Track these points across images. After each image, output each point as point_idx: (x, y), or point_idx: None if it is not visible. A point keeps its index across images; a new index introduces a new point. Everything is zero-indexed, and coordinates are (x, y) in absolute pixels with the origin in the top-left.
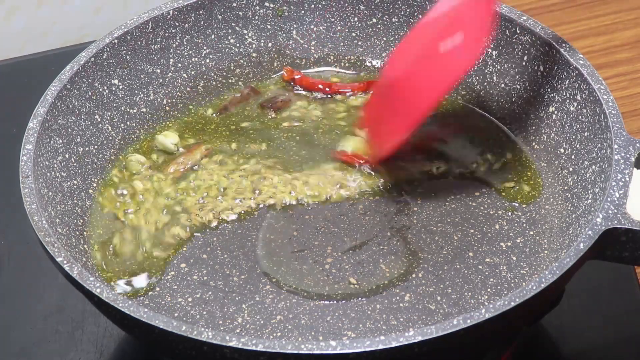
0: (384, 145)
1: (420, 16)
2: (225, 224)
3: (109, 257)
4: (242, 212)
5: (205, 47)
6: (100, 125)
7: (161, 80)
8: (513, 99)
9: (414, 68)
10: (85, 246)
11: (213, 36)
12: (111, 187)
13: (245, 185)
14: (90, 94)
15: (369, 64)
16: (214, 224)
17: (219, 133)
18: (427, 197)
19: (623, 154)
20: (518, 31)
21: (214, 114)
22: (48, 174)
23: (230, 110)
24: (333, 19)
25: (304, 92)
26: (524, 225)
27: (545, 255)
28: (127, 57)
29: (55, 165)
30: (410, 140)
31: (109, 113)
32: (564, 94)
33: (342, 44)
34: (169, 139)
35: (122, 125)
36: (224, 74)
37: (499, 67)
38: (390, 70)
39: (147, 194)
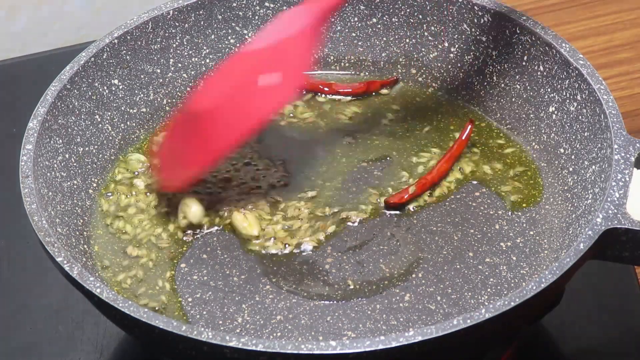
0: (178, 175)
1: (420, 16)
2: (225, 223)
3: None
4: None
5: (205, 47)
6: (100, 125)
7: (161, 80)
8: (513, 99)
9: (225, 100)
10: (85, 246)
11: (213, 36)
12: (111, 183)
13: (242, 182)
14: (90, 94)
15: (369, 64)
16: (212, 222)
17: None
18: (427, 198)
19: (623, 154)
20: (518, 31)
21: None
22: (48, 174)
23: None
24: (333, 19)
25: (303, 92)
26: (524, 225)
27: (545, 255)
28: (127, 57)
29: (55, 165)
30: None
31: (109, 113)
32: (564, 94)
33: (342, 44)
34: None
35: (122, 125)
36: None
37: (499, 67)
38: (200, 100)
39: (147, 188)
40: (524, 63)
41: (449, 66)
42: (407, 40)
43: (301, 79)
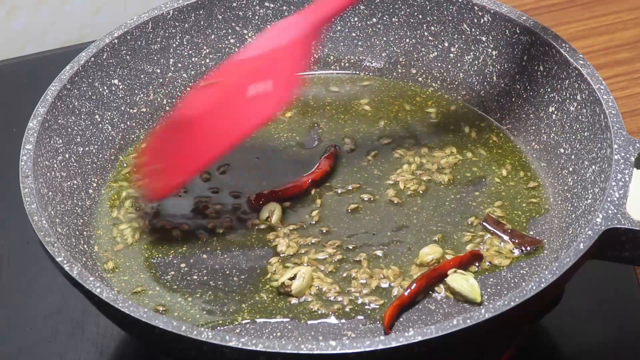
0: (164, 183)
1: (420, 16)
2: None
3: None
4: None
5: (205, 47)
6: (100, 125)
7: (161, 80)
8: (513, 99)
9: (216, 106)
10: (85, 246)
11: (213, 36)
12: (114, 181)
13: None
14: (90, 94)
15: (368, 64)
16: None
17: None
18: (427, 197)
19: (623, 154)
20: (518, 31)
21: None
22: (48, 174)
23: None
24: (329, 25)
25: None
26: (524, 225)
27: (545, 255)
28: (127, 57)
29: (55, 165)
30: None
31: (109, 113)
32: (564, 94)
33: (342, 44)
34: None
35: (122, 125)
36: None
37: (499, 67)
38: (190, 106)
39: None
40: (524, 63)
41: (449, 66)
42: (407, 40)
43: (292, 88)
